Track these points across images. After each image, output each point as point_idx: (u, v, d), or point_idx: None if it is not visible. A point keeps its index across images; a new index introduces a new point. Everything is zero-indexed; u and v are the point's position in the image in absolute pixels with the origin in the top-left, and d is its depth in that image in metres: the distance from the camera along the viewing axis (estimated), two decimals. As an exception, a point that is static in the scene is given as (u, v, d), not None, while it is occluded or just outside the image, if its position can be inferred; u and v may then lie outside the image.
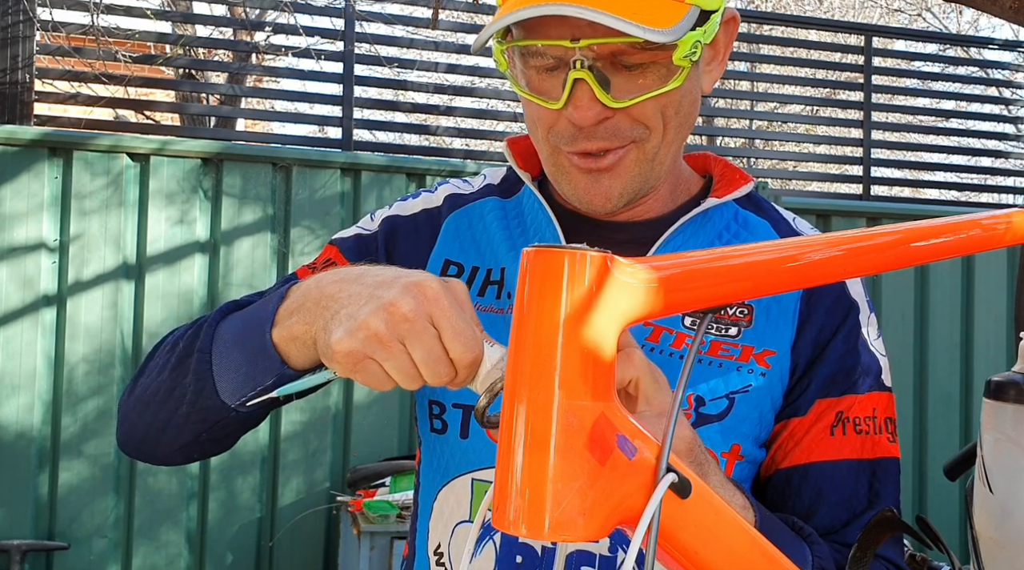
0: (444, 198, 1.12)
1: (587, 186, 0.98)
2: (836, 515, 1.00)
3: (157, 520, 3.61)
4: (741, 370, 0.99)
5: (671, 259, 0.64)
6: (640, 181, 0.98)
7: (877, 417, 1.02)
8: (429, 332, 0.72)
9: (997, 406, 0.77)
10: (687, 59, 0.91)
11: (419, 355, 0.72)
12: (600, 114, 0.92)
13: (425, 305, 0.73)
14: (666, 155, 0.99)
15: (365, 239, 1.09)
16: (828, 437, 1.00)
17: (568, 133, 0.95)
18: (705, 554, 0.62)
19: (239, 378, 0.87)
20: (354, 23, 4.25)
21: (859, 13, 11.70)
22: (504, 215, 1.09)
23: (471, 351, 0.73)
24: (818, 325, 1.02)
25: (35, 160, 3.58)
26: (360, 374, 0.75)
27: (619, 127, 0.94)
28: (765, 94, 6.05)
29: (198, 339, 0.92)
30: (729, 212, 1.07)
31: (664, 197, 1.06)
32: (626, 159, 0.96)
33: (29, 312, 3.53)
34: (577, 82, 0.91)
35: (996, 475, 0.76)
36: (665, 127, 0.96)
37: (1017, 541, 0.74)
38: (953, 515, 4.43)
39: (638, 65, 0.92)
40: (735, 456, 0.99)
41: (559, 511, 0.56)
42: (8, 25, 3.81)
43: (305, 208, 3.85)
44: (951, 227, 0.77)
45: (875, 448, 1.02)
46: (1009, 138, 5.46)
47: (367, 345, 0.73)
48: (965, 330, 4.62)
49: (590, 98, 0.91)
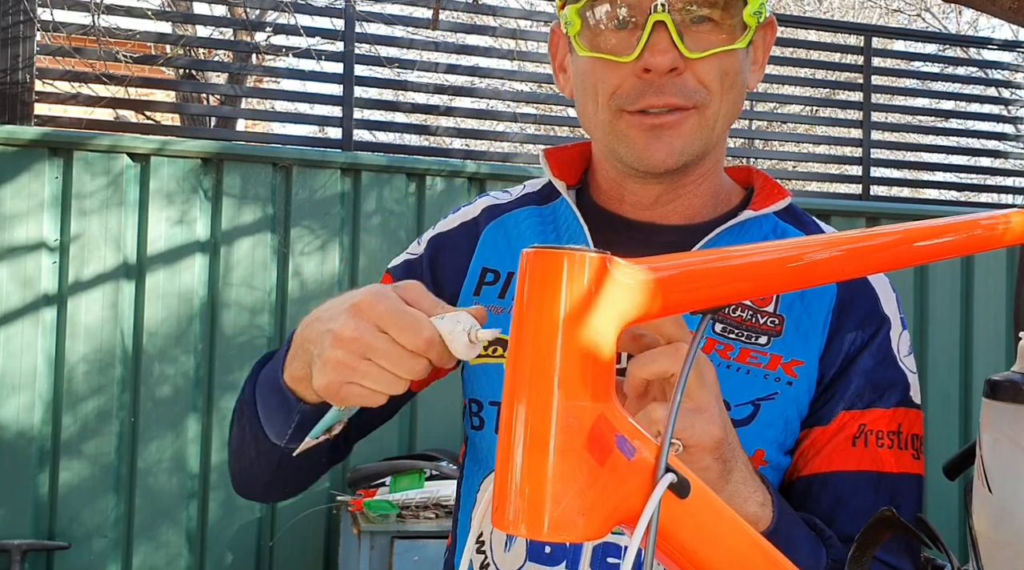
0: (482, 210, 1.16)
1: (648, 142, 0.99)
2: (856, 524, 1.00)
3: (157, 520, 3.62)
4: (768, 378, 1.00)
5: (670, 259, 0.64)
6: (700, 144, 1.00)
7: (903, 433, 1.02)
8: (380, 338, 0.78)
9: (996, 406, 0.77)
10: (755, 16, 0.95)
11: (383, 361, 0.79)
12: (675, 61, 0.94)
13: (365, 318, 0.79)
14: (722, 129, 1.02)
15: (412, 263, 1.16)
16: (850, 448, 1.01)
17: (636, 90, 0.97)
18: (704, 554, 0.63)
19: (277, 420, 0.94)
20: (354, 23, 4.24)
21: (859, 13, 11.70)
22: (541, 221, 1.13)
23: (420, 335, 0.77)
24: (848, 338, 1.03)
25: (35, 160, 3.58)
26: (349, 399, 0.81)
27: (686, 85, 0.96)
28: (765, 94, 6.04)
29: (251, 398, 1.00)
30: (769, 225, 1.09)
31: (705, 202, 1.08)
32: (688, 122, 0.98)
33: (29, 312, 3.54)
34: (656, 27, 0.93)
35: (995, 475, 0.76)
36: (724, 95, 0.99)
37: (1017, 541, 0.74)
38: (952, 515, 4.43)
39: (709, 20, 0.95)
40: (758, 461, 1.00)
41: (558, 511, 0.56)
42: (8, 25, 3.81)
43: (305, 208, 3.85)
44: (951, 227, 0.77)
45: (898, 463, 1.02)
46: (1008, 138, 5.46)
47: (337, 374, 0.80)
48: (965, 330, 4.62)
49: (668, 44, 0.94)
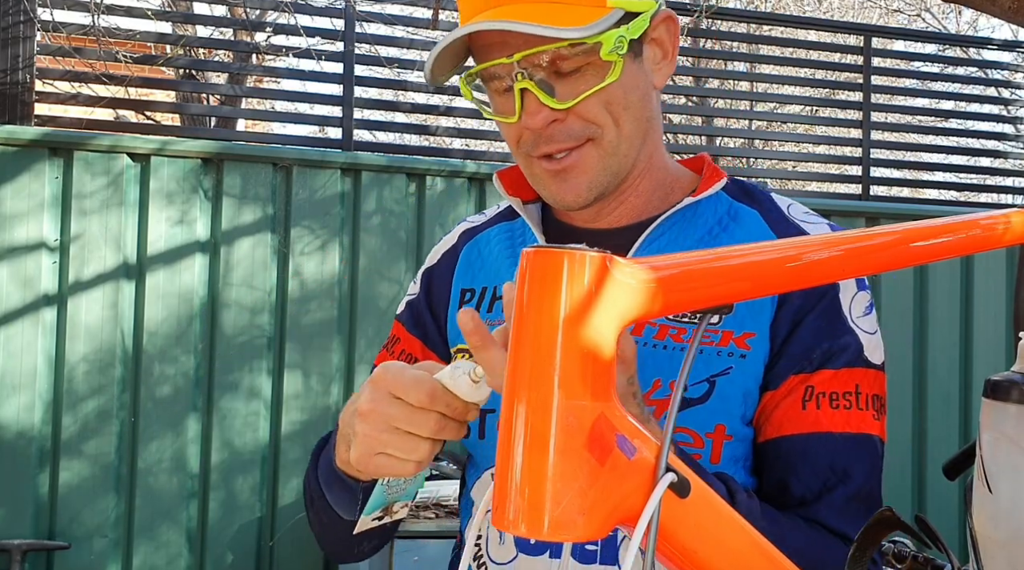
0: (459, 236, 1.24)
1: (557, 186, 1.06)
2: (808, 486, 1.02)
3: (157, 520, 3.62)
4: (722, 354, 1.03)
5: (670, 259, 0.64)
6: (607, 174, 1.06)
7: (861, 393, 1.03)
8: (394, 404, 0.85)
9: (996, 406, 0.77)
10: (614, 54, 0.99)
11: (402, 424, 0.85)
12: (549, 117, 1.02)
13: (378, 389, 0.86)
14: (629, 148, 1.06)
15: (413, 303, 1.23)
16: (800, 411, 1.02)
17: (530, 140, 1.05)
18: (704, 554, 0.63)
19: (345, 500, 1.01)
20: (354, 23, 4.24)
21: (858, 13, 11.70)
22: (511, 236, 1.19)
23: (423, 389, 0.84)
24: (796, 304, 1.04)
25: (35, 160, 3.58)
26: (380, 470, 0.88)
27: (572, 128, 1.03)
28: (765, 94, 6.04)
29: (315, 482, 1.07)
30: (723, 206, 1.12)
31: (650, 199, 1.12)
32: (586, 156, 1.04)
33: (29, 312, 3.54)
34: (524, 93, 1.01)
35: (995, 475, 0.76)
36: (617, 122, 1.04)
37: (1017, 541, 0.74)
38: (952, 515, 4.43)
39: (575, 69, 1.00)
40: (721, 436, 1.02)
41: (558, 511, 0.56)
42: (8, 25, 3.81)
43: (305, 208, 3.85)
44: (951, 227, 0.77)
45: (852, 423, 1.03)
46: (1008, 138, 5.45)
47: (365, 447, 0.87)
48: (965, 330, 4.62)
49: (537, 104, 1.01)
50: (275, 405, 3.77)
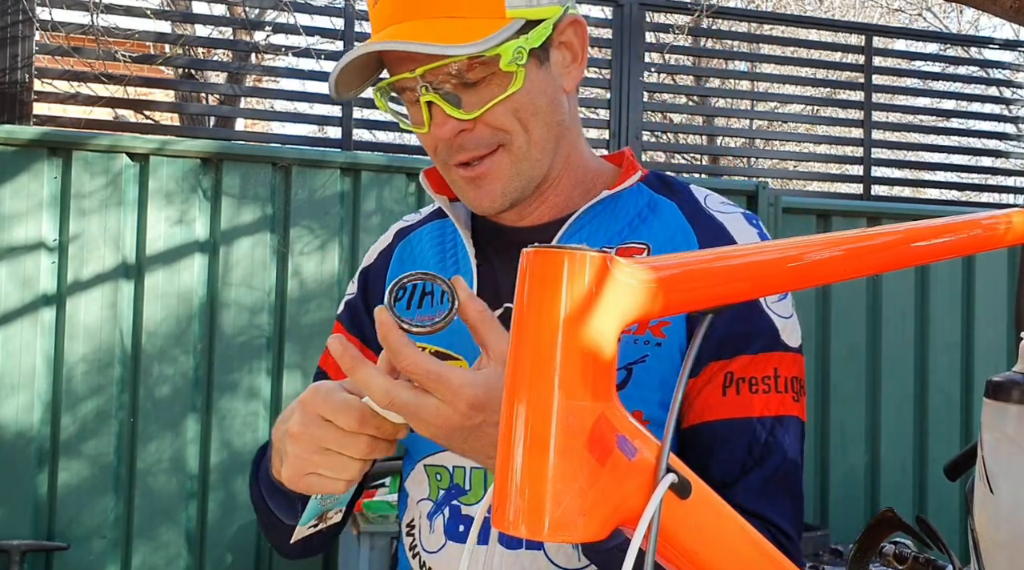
0: (394, 234, 1.28)
1: (474, 193, 1.10)
2: (727, 471, 1.04)
3: (157, 520, 3.61)
4: (638, 343, 1.06)
5: (671, 259, 0.64)
6: (520, 179, 1.09)
7: (780, 376, 1.06)
8: (323, 427, 0.88)
9: (997, 406, 0.77)
10: (513, 64, 1.02)
11: (332, 446, 0.88)
12: (456, 127, 1.05)
13: (307, 411, 0.89)
14: (541, 152, 1.09)
15: (351, 303, 1.27)
16: (721, 397, 1.05)
17: (444, 150, 1.08)
18: (705, 554, 0.62)
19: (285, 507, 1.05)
20: (354, 23, 4.24)
21: (859, 13, 11.70)
22: (441, 233, 1.23)
23: (352, 415, 0.87)
24: None
25: (34, 160, 3.58)
26: (312, 488, 0.91)
27: (480, 136, 1.06)
28: (765, 94, 6.05)
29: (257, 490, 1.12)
30: (643, 199, 1.15)
31: (571, 195, 1.16)
32: (498, 163, 1.07)
33: (28, 312, 3.53)
34: (430, 105, 1.04)
35: (997, 475, 0.75)
36: (526, 128, 1.06)
37: (1018, 542, 0.73)
38: (953, 515, 4.43)
39: (479, 80, 1.03)
40: (640, 420, 1.03)
41: (559, 511, 0.56)
42: (7, 25, 3.81)
43: (305, 208, 3.85)
44: (951, 227, 0.77)
45: (771, 406, 1.05)
46: (1009, 138, 5.45)
47: (296, 468, 0.90)
48: (965, 330, 4.62)
49: (442, 116, 1.04)
50: (274, 405, 3.76)
